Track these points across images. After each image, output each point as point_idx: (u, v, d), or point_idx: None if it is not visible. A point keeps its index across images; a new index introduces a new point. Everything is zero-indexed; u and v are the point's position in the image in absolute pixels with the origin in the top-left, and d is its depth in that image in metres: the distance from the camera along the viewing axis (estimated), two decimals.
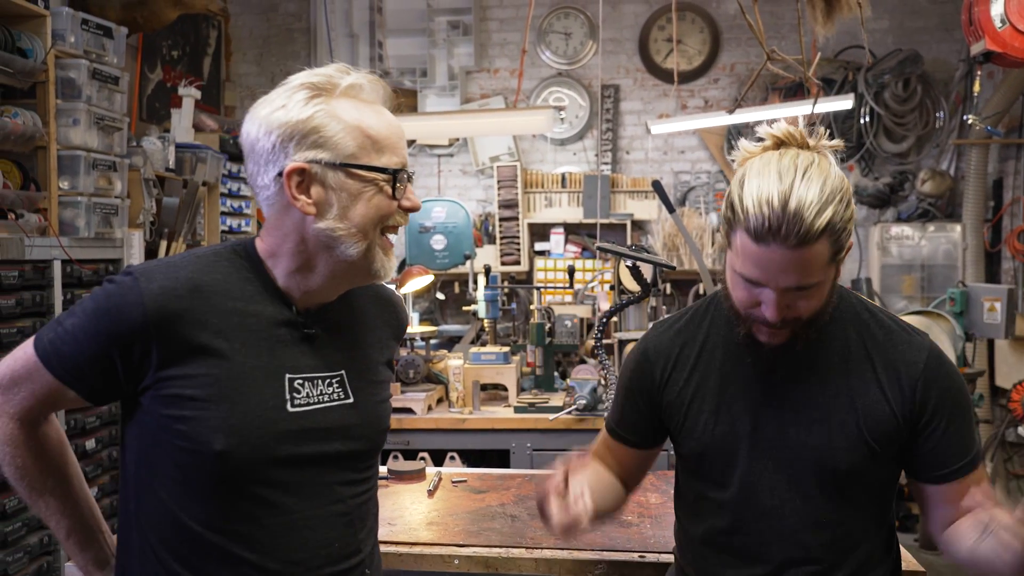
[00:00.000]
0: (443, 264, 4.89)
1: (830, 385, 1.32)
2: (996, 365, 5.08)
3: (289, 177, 1.16)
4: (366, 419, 1.28)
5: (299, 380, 1.21)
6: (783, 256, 1.18)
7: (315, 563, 1.22)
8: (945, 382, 1.30)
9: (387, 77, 5.61)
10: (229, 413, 1.14)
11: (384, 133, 1.20)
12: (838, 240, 1.21)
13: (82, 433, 3.09)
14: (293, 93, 1.18)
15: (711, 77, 5.59)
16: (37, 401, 1.24)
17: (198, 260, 1.21)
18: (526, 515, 2.00)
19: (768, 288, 1.22)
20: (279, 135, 1.16)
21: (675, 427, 1.43)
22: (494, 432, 3.32)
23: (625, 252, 2.37)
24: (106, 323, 1.15)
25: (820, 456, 1.30)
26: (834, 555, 1.33)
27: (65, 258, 2.97)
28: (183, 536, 1.18)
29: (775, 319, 1.24)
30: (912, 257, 5.33)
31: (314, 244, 1.19)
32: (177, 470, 1.18)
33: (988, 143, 5.11)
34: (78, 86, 3.10)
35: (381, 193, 1.19)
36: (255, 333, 1.19)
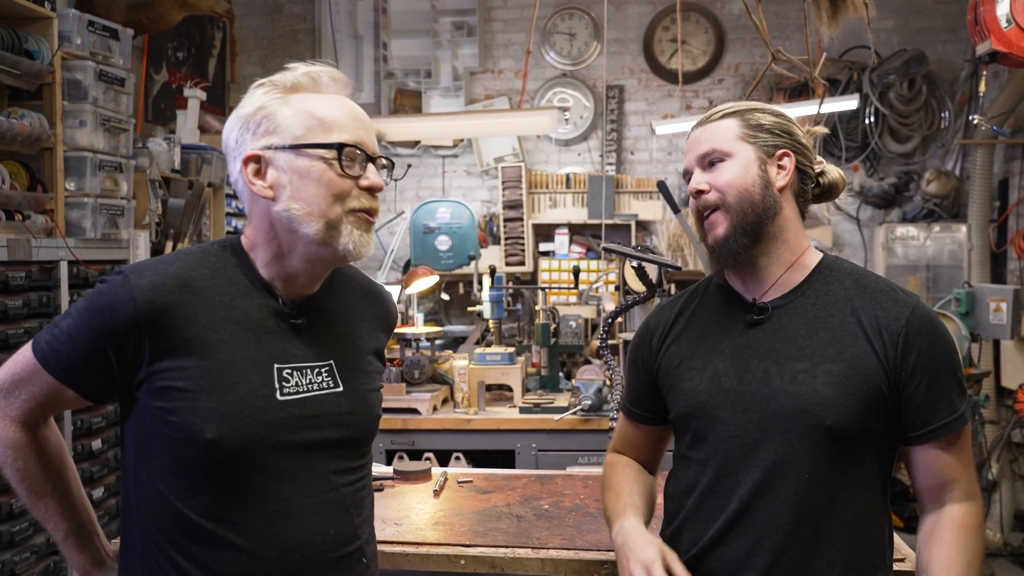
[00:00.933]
0: (448, 265, 4.89)
1: (817, 336, 1.33)
2: (1002, 366, 5.07)
3: (246, 164, 1.23)
4: (356, 407, 1.30)
5: (287, 369, 1.24)
6: (695, 135, 1.44)
7: (312, 550, 1.23)
8: (927, 340, 1.31)
9: (392, 78, 5.63)
10: (219, 402, 1.17)
11: (334, 115, 1.23)
12: (750, 124, 1.40)
13: (88, 433, 3.10)
14: (253, 91, 1.26)
15: (715, 77, 5.59)
16: (37, 403, 1.26)
17: (187, 257, 1.25)
18: (532, 515, 2.00)
19: (693, 170, 1.42)
20: (238, 129, 1.24)
21: (668, 390, 1.47)
22: (499, 433, 3.32)
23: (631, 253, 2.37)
24: (99, 320, 1.19)
25: (805, 405, 1.30)
26: (816, 516, 1.30)
27: (72, 259, 2.98)
28: (182, 526, 1.20)
29: (694, 186, 1.39)
30: (917, 257, 5.32)
31: (281, 229, 1.23)
32: (173, 461, 1.20)
33: (993, 143, 5.10)
34: (84, 87, 3.11)
35: (330, 170, 1.21)
36: (242, 325, 1.22)
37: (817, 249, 1.45)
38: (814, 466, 1.30)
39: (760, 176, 1.37)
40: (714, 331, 1.43)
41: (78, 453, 3.02)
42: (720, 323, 1.43)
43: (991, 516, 4.87)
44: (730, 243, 1.36)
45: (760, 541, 1.32)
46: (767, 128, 1.40)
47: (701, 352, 1.42)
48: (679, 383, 1.43)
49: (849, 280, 1.38)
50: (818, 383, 1.30)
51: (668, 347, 1.48)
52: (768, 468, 1.31)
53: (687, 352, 1.44)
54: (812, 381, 1.30)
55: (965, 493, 1.34)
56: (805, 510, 1.30)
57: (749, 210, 1.36)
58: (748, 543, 1.33)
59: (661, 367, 1.49)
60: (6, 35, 2.81)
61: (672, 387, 1.45)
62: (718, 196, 1.37)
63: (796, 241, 1.40)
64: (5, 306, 2.69)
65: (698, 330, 1.45)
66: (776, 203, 1.37)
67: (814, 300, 1.37)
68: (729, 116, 1.41)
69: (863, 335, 1.31)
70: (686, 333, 1.47)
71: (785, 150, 1.40)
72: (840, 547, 1.31)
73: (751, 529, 1.32)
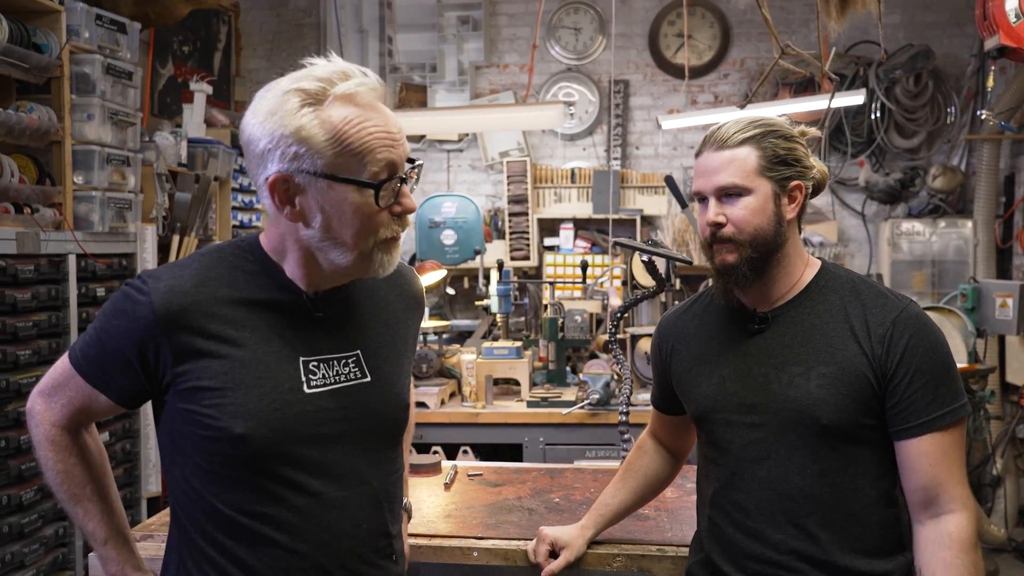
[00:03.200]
0: (453, 259, 4.89)
1: (812, 342, 1.40)
2: (1007, 361, 5.06)
3: (273, 186, 1.17)
4: (385, 396, 1.31)
5: (314, 362, 1.23)
6: (711, 158, 1.41)
7: (345, 544, 1.24)
8: (913, 339, 1.35)
9: (397, 72, 5.63)
10: (246, 398, 1.17)
11: (369, 141, 1.15)
12: (768, 155, 1.39)
13: (96, 426, 3.10)
14: (287, 100, 1.15)
15: (721, 72, 5.58)
16: (75, 408, 1.29)
17: (203, 257, 1.25)
18: (543, 508, 2.00)
19: (708, 196, 1.41)
20: (267, 143, 1.15)
21: (681, 393, 1.56)
22: (507, 426, 3.33)
23: (642, 247, 2.38)
24: (121, 323, 1.20)
25: (801, 407, 1.37)
26: (823, 508, 1.37)
27: (80, 252, 2.99)
28: (217, 523, 1.22)
29: (711, 220, 1.40)
30: (923, 253, 5.32)
31: (308, 247, 1.21)
32: (204, 459, 1.21)
33: (1000, 138, 5.09)
34: (92, 81, 3.11)
35: (366, 204, 1.16)
36: (265, 320, 1.21)
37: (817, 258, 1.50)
38: (816, 462, 1.38)
39: (775, 212, 1.41)
40: (720, 338, 1.50)
41: None
42: (725, 331, 1.50)
43: (995, 511, 4.87)
44: (737, 271, 1.42)
45: (772, 535, 1.40)
46: (782, 159, 1.40)
47: (709, 358, 1.50)
48: (690, 388, 1.53)
49: (845, 288, 1.44)
50: (812, 385, 1.37)
51: (679, 353, 1.57)
52: (774, 466, 1.40)
53: (697, 358, 1.53)
54: (806, 384, 1.38)
55: (957, 501, 1.35)
56: (813, 503, 1.38)
57: (761, 245, 1.41)
58: (761, 537, 1.41)
59: (673, 371, 1.58)
60: (15, 29, 2.81)
61: (684, 391, 1.55)
62: (733, 231, 1.40)
63: (797, 259, 1.46)
64: (14, 299, 2.69)
65: (706, 336, 1.53)
66: (784, 234, 1.43)
67: (811, 309, 1.43)
68: (748, 143, 1.40)
69: (853, 338, 1.38)
70: (695, 339, 1.54)
71: (798, 183, 1.42)
72: (850, 536, 1.37)
73: (762, 524, 1.40)
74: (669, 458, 1.74)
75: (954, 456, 1.35)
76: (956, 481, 1.35)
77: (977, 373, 4.25)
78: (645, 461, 1.74)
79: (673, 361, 1.58)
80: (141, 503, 3.41)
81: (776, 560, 1.39)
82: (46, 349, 2.83)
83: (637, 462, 1.75)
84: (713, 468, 1.50)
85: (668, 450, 1.74)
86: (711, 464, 1.51)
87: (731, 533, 1.45)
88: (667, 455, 1.74)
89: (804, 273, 1.46)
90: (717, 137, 1.42)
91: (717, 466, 1.48)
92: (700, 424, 1.52)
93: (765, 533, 1.40)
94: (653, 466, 1.73)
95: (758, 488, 1.41)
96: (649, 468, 1.73)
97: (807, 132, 1.47)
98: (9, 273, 2.68)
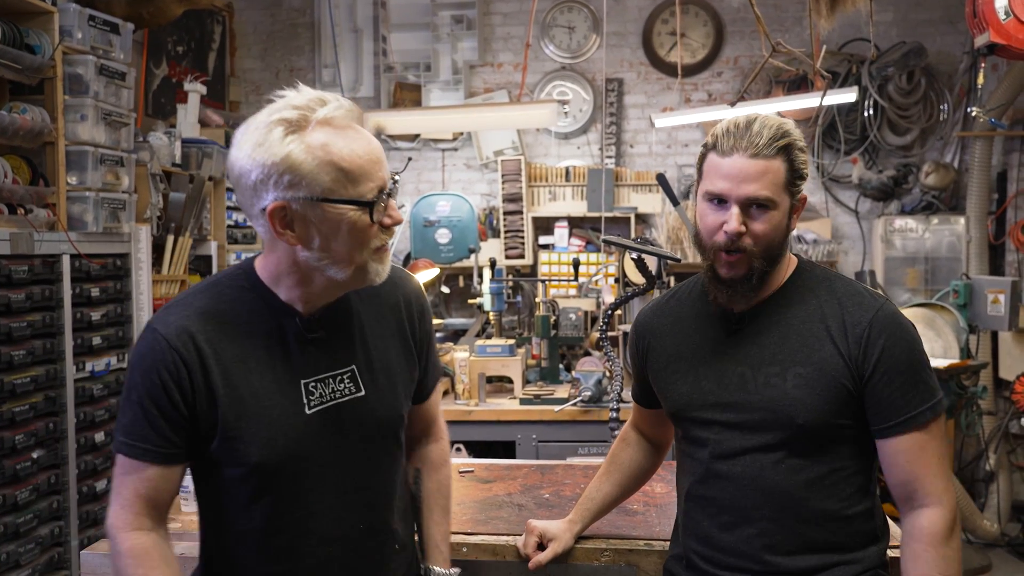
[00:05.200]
0: (448, 258, 4.91)
1: (788, 343, 1.41)
2: (1000, 357, 5.09)
3: (272, 215, 1.22)
4: (379, 408, 1.37)
5: (312, 383, 1.31)
6: (745, 164, 1.35)
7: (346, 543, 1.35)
8: (890, 339, 1.37)
9: (391, 72, 5.64)
10: (257, 427, 1.27)
11: (357, 162, 1.22)
12: (794, 168, 1.37)
13: (91, 426, 3.12)
14: (270, 130, 1.21)
15: (715, 71, 5.60)
16: (142, 499, 1.28)
17: (203, 293, 1.31)
18: (533, 504, 2.02)
19: (731, 202, 1.36)
20: (259, 174, 1.21)
21: (658, 390, 1.57)
22: (500, 424, 3.35)
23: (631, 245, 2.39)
24: (152, 377, 1.25)
25: (777, 407, 1.39)
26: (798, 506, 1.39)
27: (74, 252, 3.00)
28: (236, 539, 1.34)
29: (735, 229, 1.35)
30: (916, 250, 5.33)
31: (306, 267, 1.27)
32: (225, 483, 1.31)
33: (992, 135, 5.11)
34: (86, 82, 3.12)
35: (359, 221, 1.23)
36: (266, 349, 1.29)
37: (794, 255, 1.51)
38: (790, 459, 1.39)
39: (787, 227, 1.42)
40: (696, 336, 1.51)
41: (81, 446, 3.04)
42: (702, 329, 1.51)
43: (988, 507, 4.89)
44: (744, 284, 1.42)
45: (748, 531, 1.42)
46: (800, 173, 1.40)
47: (685, 356, 1.51)
48: (666, 385, 1.54)
49: (821, 287, 1.45)
50: (788, 385, 1.39)
51: (655, 349, 1.57)
52: (749, 463, 1.41)
53: (672, 356, 1.53)
54: (783, 384, 1.39)
55: (933, 496, 1.37)
56: (786, 499, 1.40)
57: (771, 258, 1.42)
58: (738, 533, 1.43)
59: (650, 368, 1.59)
60: (7, 29, 2.82)
61: (660, 388, 1.57)
62: (751, 243, 1.38)
63: (784, 262, 1.48)
64: (8, 299, 2.70)
65: (682, 334, 1.53)
66: (786, 244, 1.44)
67: (787, 308, 1.44)
68: (780, 155, 1.37)
69: (829, 339, 1.39)
70: (671, 336, 1.55)
71: (803, 195, 1.44)
72: (823, 531, 1.39)
73: (739, 520, 1.42)
74: (651, 449, 1.76)
75: (932, 451, 1.37)
76: (933, 476, 1.37)
77: (969, 369, 4.27)
78: (629, 453, 1.76)
79: (649, 358, 1.59)
80: None
81: (747, 553, 1.41)
82: (40, 349, 2.85)
83: (621, 454, 1.77)
84: (689, 463, 1.52)
85: (650, 442, 1.76)
86: (687, 459, 1.53)
87: (706, 527, 1.47)
88: (649, 446, 1.76)
89: (784, 272, 1.48)
90: (750, 141, 1.36)
91: (693, 461, 1.50)
92: (676, 421, 1.54)
93: (737, 527, 1.42)
94: (636, 458, 1.75)
95: (732, 484, 1.43)
96: (632, 460, 1.75)
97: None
98: (3, 273, 2.70)
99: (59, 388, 2.95)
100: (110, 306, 3.26)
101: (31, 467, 2.78)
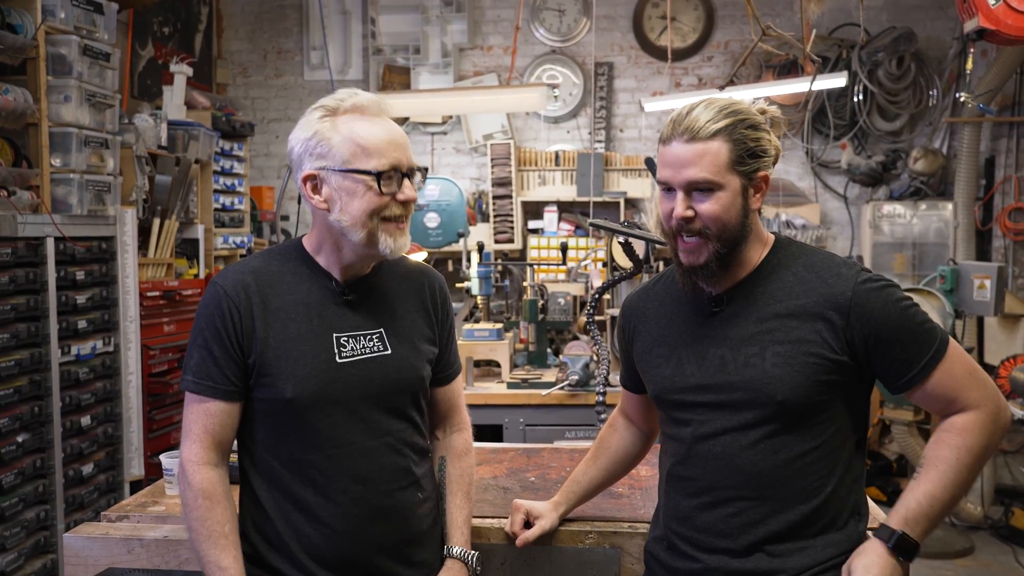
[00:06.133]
0: (437, 242, 4.90)
1: (767, 322, 1.42)
2: (985, 342, 5.12)
3: (304, 182, 1.50)
4: (402, 367, 1.56)
5: (344, 337, 1.52)
6: (682, 150, 1.38)
7: (371, 483, 1.51)
8: (876, 304, 1.37)
9: (380, 54, 5.60)
10: (293, 366, 1.47)
11: (374, 142, 1.46)
12: (739, 149, 1.38)
13: (77, 410, 3.11)
14: (311, 114, 1.49)
15: (705, 55, 5.59)
16: (211, 436, 1.49)
17: (259, 257, 1.57)
18: (518, 487, 2.02)
19: (675, 188, 1.40)
20: (300, 147, 1.49)
21: (642, 373, 1.59)
22: (487, 407, 3.35)
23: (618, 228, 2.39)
24: (214, 321, 1.48)
25: (757, 387, 1.39)
26: (778, 483, 1.40)
27: (58, 235, 2.98)
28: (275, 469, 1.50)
29: (680, 214, 1.39)
30: (904, 235, 5.36)
31: (335, 232, 1.50)
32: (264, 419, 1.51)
33: (981, 121, 5.12)
34: (69, 62, 3.08)
35: (371, 191, 1.46)
36: (306, 305, 1.52)
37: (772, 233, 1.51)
38: (770, 437, 1.40)
39: (743, 206, 1.41)
40: (678, 320, 1.52)
41: (66, 429, 3.03)
42: (683, 312, 1.52)
43: (973, 490, 4.93)
44: (705, 269, 1.43)
45: (726, 510, 1.43)
46: (752, 151, 1.40)
47: (668, 339, 1.53)
48: (650, 368, 1.56)
49: (798, 264, 1.45)
50: (767, 364, 1.40)
51: (641, 333, 1.59)
52: (729, 442, 1.42)
53: (656, 339, 1.55)
54: (762, 363, 1.40)
55: (969, 403, 1.39)
56: (765, 478, 1.40)
57: (730, 240, 1.41)
58: (717, 512, 1.44)
59: (635, 351, 1.61)
60: None
61: (644, 371, 1.58)
62: (702, 226, 1.39)
63: (756, 242, 1.47)
64: None
65: (666, 318, 1.55)
66: (750, 225, 1.43)
67: (764, 288, 1.45)
68: (719, 136, 1.37)
69: (809, 315, 1.39)
70: (655, 320, 1.57)
71: (764, 174, 1.42)
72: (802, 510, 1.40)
73: (715, 499, 1.44)
74: (639, 435, 1.76)
75: (958, 371, 1.39)
76: (968, 387, 1.39)
77: None
78: (616, 439, 1.77)
79: (635, 341, 1.61)
80: (124, 486, 3.41)
81: (727, 533, 1.42)
82: (24, 333, 2.83)
83: (608, 439, 1.77)
84: (672, 445, 1.53)
85: (638, 428, 1.76)
86: (670, 441, 1.54)
87: (685, 507, 1.48)
88: (637, 432, 1.76)
89: (760, 251, 1.48)
90: (686, 126, 1.38)
91: (675, 443, 1.51)
92: (659, 404, 1.55)
93: (716, 507, 1.43)
94: (624, 443, 1.76)
95: (711, 464, 1.44)
96: (620, 445, 1.76)
97: (767, 111, 1.47)
98: None
99: (44, 372, 2.93)
100: (95, 289, 3.24)
101: (16, 451, 2.77)
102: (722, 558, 1.43)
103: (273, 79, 5.76)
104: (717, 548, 1.43)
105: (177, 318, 3.85)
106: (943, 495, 1.35)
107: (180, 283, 3.88)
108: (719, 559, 1.43)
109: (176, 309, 3.85)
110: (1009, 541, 4.55)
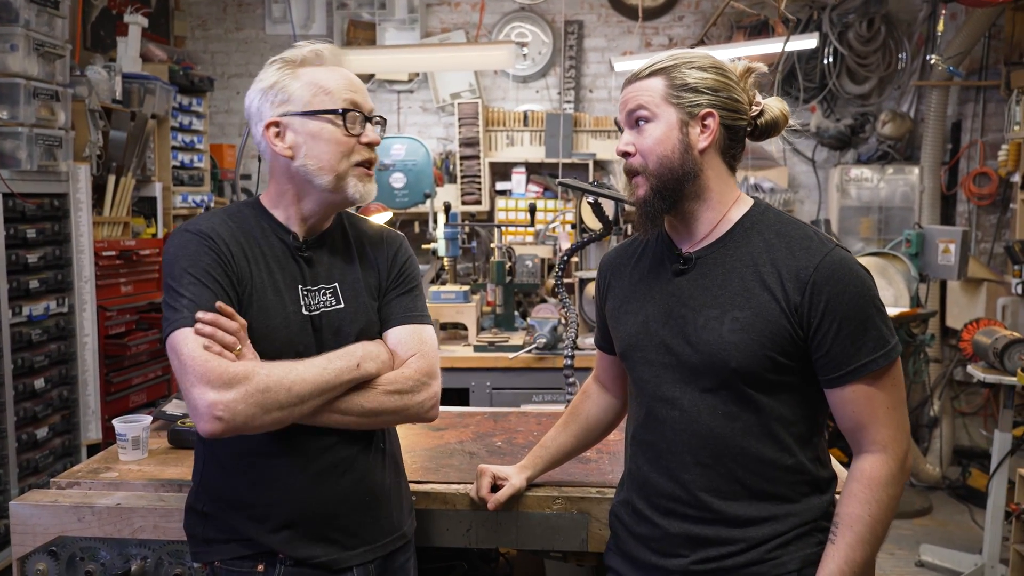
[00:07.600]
0: (402, 203, 4.82)
1: (730, 286, 1.39)
2: (948, 306, 5.19)
3: (268, 129, 1.49)
4: (355, 319, 1.56)
5: (304, 291, 1.53)
6: (626, 93, 1.45)
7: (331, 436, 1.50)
8: (836, 287, 1.33)
9: (344, 9, 5.45)
10: (264, 317, 1.46)
11: (334, 84, 1.49)
12: (674, 83, 1.40)
13: (30, 372, 3.02)
14: (269, 67, 1.51)
15: (676, 14, 5.51)
16: None
17: (218, 213, 1.54)
18: (485, 452, 1.99)
19: (624, 128, 1.45)
20: (259, 99, 1.50)
21: (612, 329, 1.57)
22: (453, 371, 3.31)
23: (587, 188, 2.34)
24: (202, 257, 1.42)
25: (712, 350, 1.37)
26: (732, 451, 1.38)
27: (7, 191, 2.86)
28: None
29: (621, 147, 1.44)
30: (871, 199, 5.38)
31: (299, 181, 1.50)
32: None
33: (948, 85, 5.13)
34: (15, 9, 2.94)
35: (337, 130, 1.47)
36: (273, 259, 1.51)
37: (752, 197, 1.47)
38: (726, 404, 1.38)
39: (680, 140, 1.39)
40: (649, 278, 1.50)
41: (19, 392, 2.94)
42: (655, 270, 1.50)
43: (931, 451, 5.03)
44: (648, 205, 1.42)
45: (685, 476, 1.41)
46: (692, 87, 1.39)
47: (637, 296, 1.51)
48: (617, 324, 1.54)
49: (771, 231, 1.41)
50: (724, 329, 1.37)
51: (614, 289, 1.57)
52: (685, 407, 1.40)
53: (628, 296, 1.53)
54: (720, 328, 1.37)
55: (878, 443, 1.36)
56: (722, 445, 1.38)
57: (668, 175, 1.40)
58: (672, 476, 1.42)
59: (608, 307, 1.59)
60: None
61: (613, 327, 1.56)
62: (641, 162, 1.41)
63: (720, 197, 1.43)
64: None
65: (638, 275, 1.53)
66: (696, 165, 1.40)
67: (733, 251, 1.41)
68: (657, 74, 1.41)
69: (772, 284, 1.36)
70: (628, 277, 1.55)
71: (709, 110, 1.39)
72: (759, 479, 1.38)
73: (674, 464, 1.42)
74: (613, 403, 1.73)
75: (881, 400, 1.35)
76: (881, 424, 1.35)
77: (918, 317, 4.34)
78: (588, 406, 1.74)
79: (608, 297, 1.58)
80: (81, 450, 3.34)
81: (685, 499, 1.41)
82: None
83: (580, 406, 1.75)
84: (635, 407, 1.51)
85: (612, 395, 1.73)
86: (633, 402, 1.52)
87: (646, 471, 1.46)
88: (611, 399, 1.73)
89: (731, 212, 1.44)
90: (633, 75, 1.44)
91: (637, 404, 1.50)
92: (624, 360, 1.53)
93: (675, 472, 1.42)
94: (596, 411, 1.73)
95: (670, 429, 1.42)
96: (592, 413, 1.73)
97: (752, 68, 1.44)
98: None
99: None
100: (48, 248, 3.13)
101: None
102: (682, 524, 1.41)
103: (233, 32, 5.58)
104: (676, 513, 1.42)
105: (135, 279, 3.75)
106: (862, 557, 1.35)
107: (137, 242, 3.77)
108: (680, 525, 1.42)
109: (134, 269, 3.74)
110: (966, 500, 4.65)
